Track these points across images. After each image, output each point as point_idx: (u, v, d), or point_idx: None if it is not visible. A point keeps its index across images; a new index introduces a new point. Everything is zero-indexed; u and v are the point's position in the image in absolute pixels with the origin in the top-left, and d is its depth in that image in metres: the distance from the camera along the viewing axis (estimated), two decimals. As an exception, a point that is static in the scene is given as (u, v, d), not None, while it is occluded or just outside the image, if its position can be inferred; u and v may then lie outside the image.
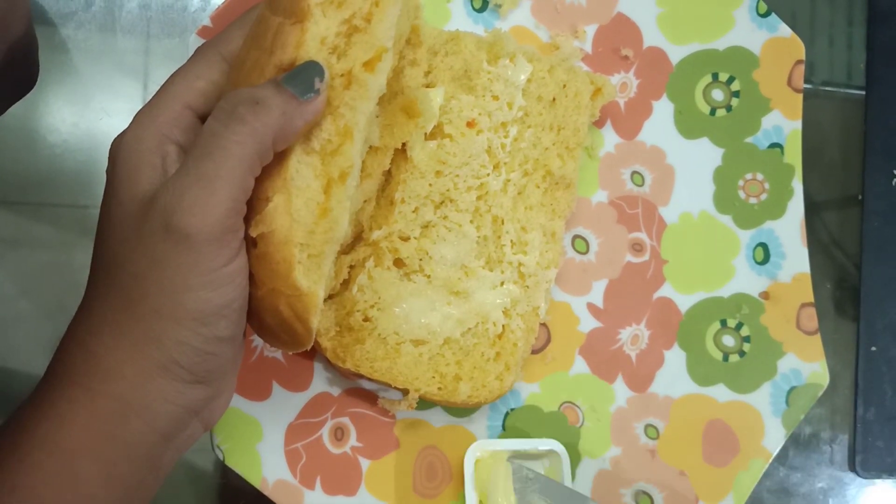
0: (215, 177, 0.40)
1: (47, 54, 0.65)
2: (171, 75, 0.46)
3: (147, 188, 0.42)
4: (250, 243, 0.43)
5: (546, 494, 0.58)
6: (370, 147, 0.57)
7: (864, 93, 0.73)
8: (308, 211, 0.43)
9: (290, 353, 0.60)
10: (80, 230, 0.67)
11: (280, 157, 0.43)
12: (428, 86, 0.60)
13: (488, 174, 0.61)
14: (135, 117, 0.45)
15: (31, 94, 0.63)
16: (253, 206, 0.43)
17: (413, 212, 0.60)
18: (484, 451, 0.60)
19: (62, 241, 0.67)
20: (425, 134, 0.60)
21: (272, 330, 0.46)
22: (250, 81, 0.44)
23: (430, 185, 0.60)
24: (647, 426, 0.64)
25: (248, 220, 0.43)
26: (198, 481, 0.66)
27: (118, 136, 0.44)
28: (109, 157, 0.44)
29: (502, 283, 0.61)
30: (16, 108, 0.62)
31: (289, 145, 0.43)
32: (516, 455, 0.60)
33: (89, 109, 0.68)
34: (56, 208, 0.68)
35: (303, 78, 0.43)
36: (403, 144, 0.59)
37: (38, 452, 0.41)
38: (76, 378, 0.42)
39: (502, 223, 0.61)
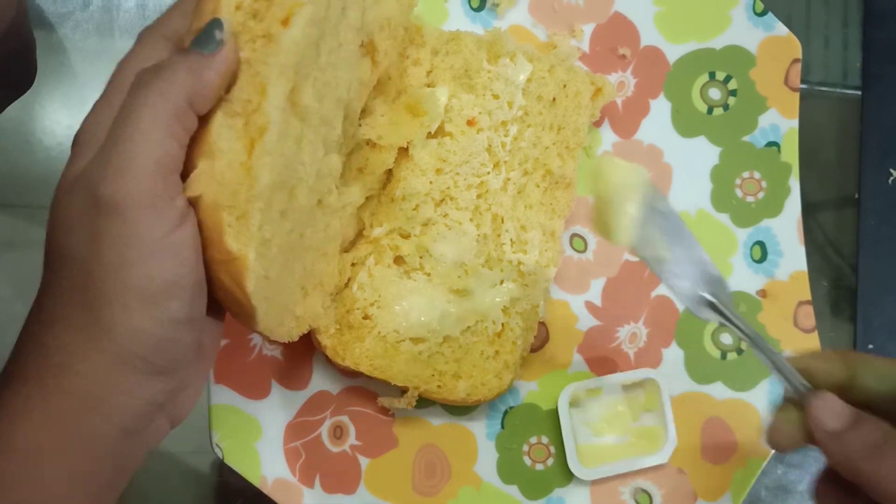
0: (130, 140, 0.40)
1: (44, 55, 0.65)
2: (121, 68, 0.44)
3: None
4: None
5: (667, 233, 0.51)
6: (373, 144, 0.57)
7: (859, 93, 0.74)
8: (232, 172, 0.42)
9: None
10: (77, 232, 0.67)
11: (205, 124, 0.42)
12: (429, 85, 0.61)
13: (488, 173, 0.61)
14: None
15: (27, 95, 0.63)
16: (186, 176, 0.42)
17: (413, 209, 0.60)
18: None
19: (58, 242, 0.67)
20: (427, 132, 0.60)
21: (228, 305, 0.45)
22: None
23: (431, 182, 0.60)
24: (646, 424, 0.64)
25: None
26: (196, 480, 0.66)
27: None
28: None
29: (502, 282, 0.61)
30: (11, 110, 0.62)
31: (210, 104, 0.42)
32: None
33: (85, 111, 0.67)
34: (52, 210, 0.68)
35: (205, 35, 0.42)
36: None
37: None
38: (29, 374, 0.40)
39: (502, 222, 0.61)
